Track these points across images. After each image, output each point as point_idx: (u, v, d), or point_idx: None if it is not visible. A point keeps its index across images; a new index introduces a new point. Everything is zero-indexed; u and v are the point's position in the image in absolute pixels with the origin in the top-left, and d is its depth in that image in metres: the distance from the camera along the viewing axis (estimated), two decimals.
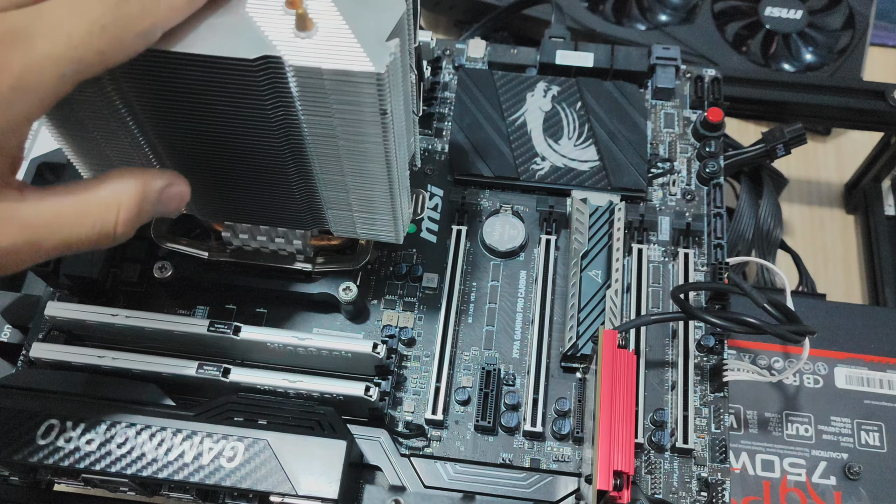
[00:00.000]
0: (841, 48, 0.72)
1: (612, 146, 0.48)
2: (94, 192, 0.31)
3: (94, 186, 0.31)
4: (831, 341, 0.51)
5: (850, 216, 0.71)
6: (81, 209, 0.30)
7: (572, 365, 0.43)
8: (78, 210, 0.30)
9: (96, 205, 0.31)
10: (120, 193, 0.31)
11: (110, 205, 0.31)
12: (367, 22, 0.30)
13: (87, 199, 0.31)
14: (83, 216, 0.30)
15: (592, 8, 0.74)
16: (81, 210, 0.30)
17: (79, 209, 0.30)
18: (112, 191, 0.31)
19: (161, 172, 0.33)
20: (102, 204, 0.31)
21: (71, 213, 0.30)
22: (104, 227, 0.31)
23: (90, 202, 0.31)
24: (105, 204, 0.31)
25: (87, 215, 0.30)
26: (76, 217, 0.30)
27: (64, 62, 0.27)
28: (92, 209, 0.30)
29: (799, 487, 0.47)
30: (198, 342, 0.40)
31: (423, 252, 0.47)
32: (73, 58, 0.27)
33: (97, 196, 0.31)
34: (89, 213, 0.30)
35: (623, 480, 0.35)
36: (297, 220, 0.39)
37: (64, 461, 0.37)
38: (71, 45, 0.27)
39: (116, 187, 0.31)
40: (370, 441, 0.41)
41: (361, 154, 0.33)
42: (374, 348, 0.39)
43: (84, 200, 0.30)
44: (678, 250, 0.47)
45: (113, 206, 0.31)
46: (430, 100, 0.52)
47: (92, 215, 0.30)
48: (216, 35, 0.29)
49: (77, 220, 0.30)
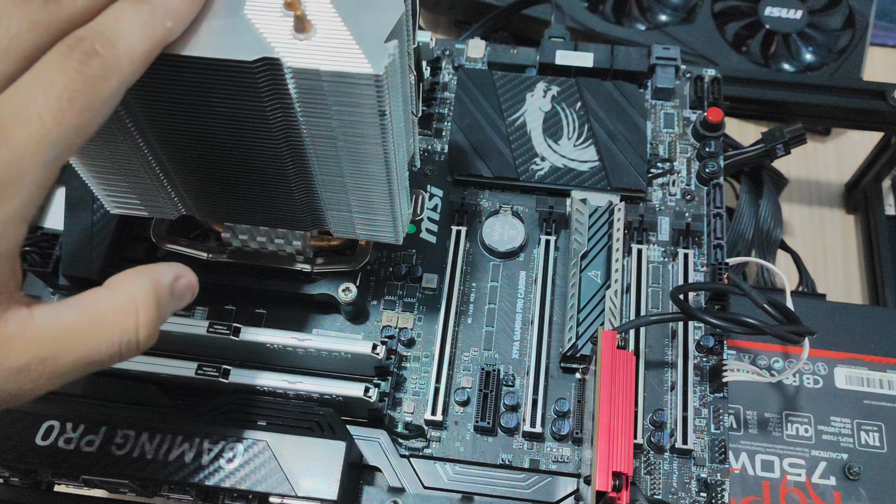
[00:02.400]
0: (841, 48, 0.72)
1: (612, 146, 0.48)
2: (107, 300, 0.29)
3: (106, 294, 0.29)
4: (831, 341, 0.51)
5: (850, 216, 0.71)
6: (97, 319, 0.28)
7: (572, 365, 0.43)
8: (94, 320, 0.28)
9: (112, 312, 0.29)
10: (134, 296, 0.29)
11: (127, 310, 0.29)
12: (365, 23, 0.30)
13: (101, 308, 0.29)
14: (101, 327, 0.28)
15: (592, 8, 0.74)
16: (97, 320, 0.28)
17: (94, 320, 0.28)
18: (126, 295, 0.29)
19: (166, 266, 0.31)
20: (119, 311, 0.29)
21: (86, 326, 0.28)
22: (125, 335, 0.29)
23: (106, 311, 0.29)
24: (122, 310, 0.29)
25: (104, 326, 0.28)
26: (92, 329, 0.28)
27: (43, 148, 0.25)
28: (109, 318, 0.28)
29: (799, 488, 0.47)
30: (197, 343, 0.40)
31: (422, 253, 0.47)
32: (51, 141, 0.25)
33: (111, 303, 0.29)
34: (107, 323, 0.28)
35: (622, 481, 0.35)
36: (296, 220, 0.39)
37: (64, 462, 0.37)
38: (44, 128, 0.25)
39: (129, 291, 0.29)
40: (369, 442, 0.41)
41: (360, 155, 0.33)
42: (373, 349, 0.39)
43: (99, 310, 0.28)
44: (678, 250, 0.47)
45: (130, 311, 0.29)
46: (430, 100, 0.52)
47: (110, 325, 0.28)
48: (215, 37, 0.29)
49: (94, 332, 0.28)
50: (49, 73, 0.25)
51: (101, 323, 0.28)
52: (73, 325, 0.28)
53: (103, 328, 0.28)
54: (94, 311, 0.28)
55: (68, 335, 0.27)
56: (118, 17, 0.27)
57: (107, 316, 0.28)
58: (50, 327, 0.27)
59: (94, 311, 0.28)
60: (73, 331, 0.28)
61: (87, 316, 0.28)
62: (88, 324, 0.28)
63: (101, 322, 0.28)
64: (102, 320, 0.28)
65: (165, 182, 0.38)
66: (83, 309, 0.28)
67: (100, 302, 0.29)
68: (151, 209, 0.40)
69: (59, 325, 0.27)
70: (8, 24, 0.25)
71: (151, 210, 0.40)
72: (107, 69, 0.26)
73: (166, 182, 0.38)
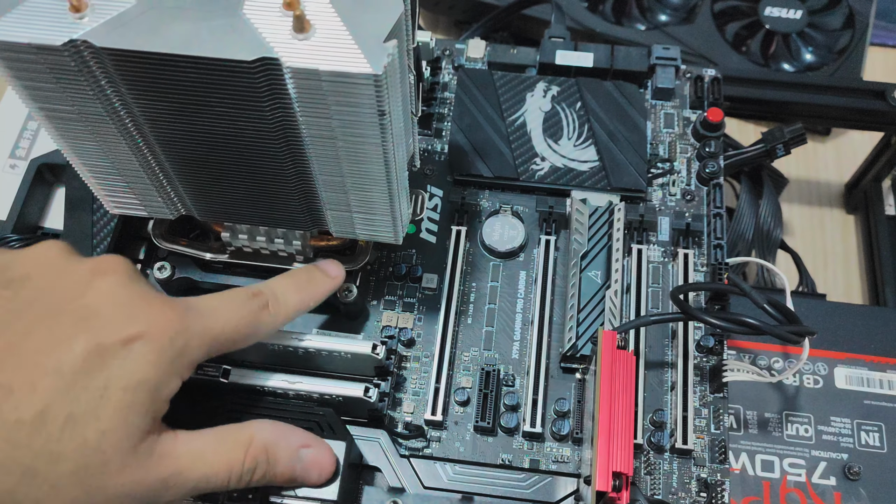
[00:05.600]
0: (841, 48, 0.72)
1: (612, 146, 0.48)
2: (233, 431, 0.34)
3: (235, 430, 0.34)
4: (831, 341, 0.51)
5: (850, 216, 0.71)
6: (220, 442, 0.33)
7: (572, 366, 0.43)
8: (217, 443, 0.33)
9: (233, 440, 0.34)
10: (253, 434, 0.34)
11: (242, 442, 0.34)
12: (364, 23, 0.30)
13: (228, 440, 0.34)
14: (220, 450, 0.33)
15: (592, 8, 0.74)
16: (220, 443, 0.33)
17: (218, 442, 0.33)
18: (248, 431, 0.34)
19: (304, 433, 0.36)
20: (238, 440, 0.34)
21: (212, 447, 0.33)
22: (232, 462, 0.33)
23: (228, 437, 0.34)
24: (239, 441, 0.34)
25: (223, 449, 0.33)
26: (216, 450, 0.33)
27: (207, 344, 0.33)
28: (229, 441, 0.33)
29: (799, 488, 0.47)
30: None
31: (422, 252, 0.47)
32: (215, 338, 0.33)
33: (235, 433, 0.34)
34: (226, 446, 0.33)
35: (622, 481, 0.35)
36: (296, 220, 0.39)
37: None
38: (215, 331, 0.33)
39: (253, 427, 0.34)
40: (369, 442, 0.41)
41: (360, 155, 0.33)
42: (373, 349, 0.39)
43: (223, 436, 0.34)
44: (678, 251, 0.47)
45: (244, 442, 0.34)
46: (430, 100, 0.52)
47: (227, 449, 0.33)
48: (214, 37, 0.29)
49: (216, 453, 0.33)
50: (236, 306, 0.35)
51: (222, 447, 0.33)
52: (202, 447, 0.33)
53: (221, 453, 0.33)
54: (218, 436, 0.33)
55: (198, 455, 0.32)
56: (285, 291, 0.37)
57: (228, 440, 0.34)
58: (189, 448, 0.32)
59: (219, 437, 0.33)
60: (204, 453, 0.33)
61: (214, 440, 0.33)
62: (213, 447, 0.33)
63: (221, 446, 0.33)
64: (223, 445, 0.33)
65: (165, 182, 0.38)
66: (212, 435, 0.33)
67: (229, 434, 0.34)
68: (151, 209, 0.40)
69: (194, 446, 0.32)
70: None
71: (151, 210, 0.40)
72: (271, 317, 0.36)
73: (166, 182, 0.38)
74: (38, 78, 0.31)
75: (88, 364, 0.29)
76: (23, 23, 0.30)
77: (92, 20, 0.30)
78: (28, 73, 0.31)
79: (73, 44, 0.29)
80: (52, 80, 0.31)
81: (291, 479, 0.35)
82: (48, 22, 0.30)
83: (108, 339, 0.29)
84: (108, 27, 0.30)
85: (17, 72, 0.31)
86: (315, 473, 0.36)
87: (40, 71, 0.31)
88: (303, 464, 0.35)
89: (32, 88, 0.32)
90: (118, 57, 0.30)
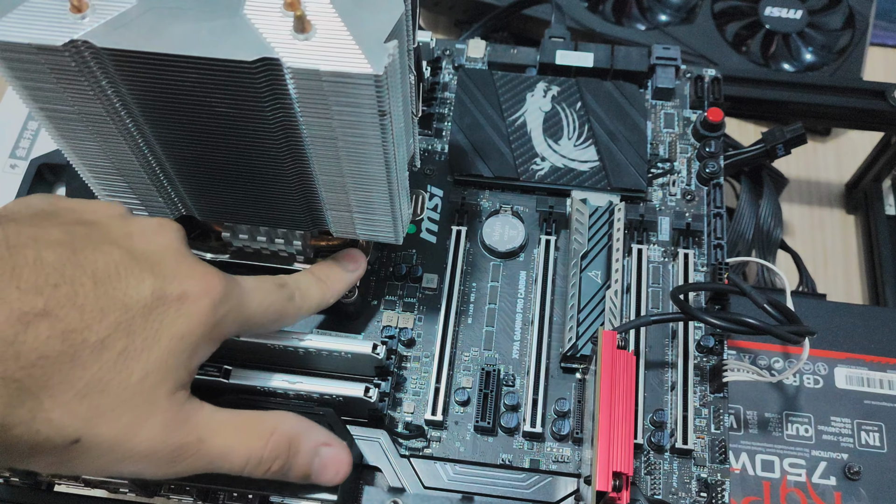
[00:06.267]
0: (841, 48, 0.72)
1: (612, 146, 0.48)
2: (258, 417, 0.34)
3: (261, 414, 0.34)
4: (831, 341, 0.51)
5: (850, 216, 0.71)
6: (244, 424, 0.33)
7: (572, 365, 0.43)
8: (242, 424, 0.33)
9: (257, 425, 0.34)
10: (277, 423, 0.34)
11: (266, 429, 0.34)
12: (365, 23, 0.30)
13: (250, 419, 0.34)
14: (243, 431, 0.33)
15: (592, 8, 0.74)
16: (244, 425, 0.33)
17: (242, 423, 0.33)
18: (273, 420, 0.34)
19: (326, 432, 0.36)
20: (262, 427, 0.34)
21: (235, 426, 0.33)
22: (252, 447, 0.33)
23: (252, 421, 0.34)
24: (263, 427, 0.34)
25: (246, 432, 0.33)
26: (239, 431, 0.33)
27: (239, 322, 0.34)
28: (253, 425, 0.34)
29: (799, 488, 0.47)
30: None
31: (422, 253, 0.47)
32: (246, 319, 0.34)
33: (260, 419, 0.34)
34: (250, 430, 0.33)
35: (622, 481, 0.35)
36: (296, 220, 0.39)
37: None
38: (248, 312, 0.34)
39: (279, 417, 0.35)
40: (370, 442, 0.41)
41: (360, 155, 0.33)
42: (373, 349, 0.39)
43: (248, 419, 0.34)
44: (678, 250, 0.47)
45: (268, 430, 0.34)
46: (430, 100, 0.52)
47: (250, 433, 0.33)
48: (214, 37, 0.29)
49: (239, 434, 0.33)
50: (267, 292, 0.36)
51: (244, 433, 0.33)
52: (227, 425, 0.33)
53: (246, 438, 0.33)
54: (246, 423, 0.34)
55: (222, 431, 0.32)
56: (308, 286, 0.38)
57: (254, 422, 0.34)
58: (212, 419, 0.32)
59: (246, 424, 0.33)
60: (227, 429, 0.33)
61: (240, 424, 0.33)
62: (238, 429, 0.33)
63: (246, 434, 0.33)
64: (245, 432, 0.33)
65: (165, 182, 0.38)
66: (238, 416, 0.34)
67: (254, 419, 0.34)
68: (151, 209, 0.40)
69: (218, 419, 0.33)
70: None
71: (151, 210, 0.40)
72: (296, 308, 0.37)
73: (166, 182, 0.38)
74: (38, 78, 0.31)
75: (150, 306, 0.30)
76: (23, 23, 0.30)
77: (92, 20, 0.30)
78: (28, 73, 0.31)
79: (74, 44, 0.29)
80: (53, 81, 0.31)
81: (306, 476, 0.35)
82: (49, 22, 0.30)
83: (170, 289, 0.31)
84: (109, 27, 0.30)
85: (18, 72, 0.31)
86: (331, 472, 0.35)
87: (41, 71, 0.31)
88: (321, 460, 0.35)
89: (33, 88, 0.32)
90: (119, 57, 0.30)
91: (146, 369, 0.30)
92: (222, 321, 0.32)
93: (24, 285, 0.27)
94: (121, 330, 0.29)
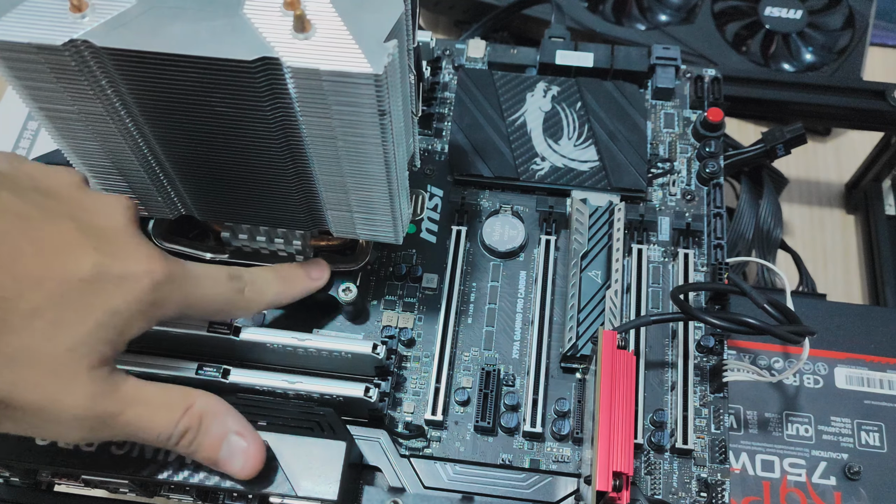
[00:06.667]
0: (841, 48, 0.72)
1: (612, 146, 0.48)
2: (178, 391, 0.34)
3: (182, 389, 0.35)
4: (831, 341, 0.51)
5: (850, 216, 0.71)
6: (163, 396, 0.34)
7: (572, 365, 0.43)
8: (161, 397, 0.34)
9: (176, 399, 0.34)
10: (195, 400, 0.34)
11: (183, 403, 0.34)
12: (365, 23, 0.30)
13: (170, 392, 0.34)
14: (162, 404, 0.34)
15: (592, 8, 0.74)
16: (163, 397, 0.34)
17: (161, 396, 0.34)
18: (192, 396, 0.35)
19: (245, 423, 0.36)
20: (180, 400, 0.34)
21: (155, 398, 0.34)
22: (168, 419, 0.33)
23: (172, 394, 0.34)
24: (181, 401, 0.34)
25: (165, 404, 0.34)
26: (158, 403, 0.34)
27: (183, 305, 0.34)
28: (172, 398, 0.34)
29: (799, 488, 0.47)
30: (197, 343, 0.40)
31: (422, 252, 0.47)
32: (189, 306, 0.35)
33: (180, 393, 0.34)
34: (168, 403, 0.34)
35: (622, 481, 0.35)
36: (296, 220, 0.39)
37: (64, 462, 0.37)
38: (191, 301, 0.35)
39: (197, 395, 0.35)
40: (370, 442, 0.41)
41: (360, 155, 0.33)
42: (373, 349, 0.39)
43: (168, 392, 0.34)
44: (678, 250, 0.47)
45: (184, 404, 0.34)
46: (430, 100, 0.52)
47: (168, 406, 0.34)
48: (214, 36, 0.29)
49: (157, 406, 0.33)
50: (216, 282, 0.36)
51: (162, 407, 0.34)
52: (147, 397, 0.33)
53: (163, 410, 0.34)
54: (166, 396, 0.34)
55: (140, 402, 0.33)
56: (265, 282, 0.39)
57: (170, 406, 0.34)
58: (134, 392, 0.33)
59: (165, 397, 0.34)
60: (147, 401, 0.33)
61: (159, 396, 0.34)
62: (157, 402, 0.34)
63: (164, 406, 0.34)
64: (163, 406, 0.34)
65: (165, 182, 0.38)
66: (160, 389, 0.34)
67: (174, 393, 0.34)
68: (151, 209, 0.40)
69: (139, 392, 0.33)
70: None
71: (151, 210, 0.40)
72: (246, 301, 0.38)
73: (166, 182, 0.38)
74: (38, 78, 0.31)
75: (88, 281, 0.31)
76: (23, 22, 0.30)
77: (92, 20, 0.30)
78: (28, 72, 0.31)
79: (74, 44, 0.29)
80: (53, 80, 0.31)
81: (213, 460, 0.35)
82: (49, 22, 0.30)
83: (111, 267, 0.31)
84: (109, 27, 0.30)
85: (18, 71, 0.31)
86: (238, 462, 0.36)
87: (41, 71, 0.31)
88: (230, 448, 0.35)
89: (33, 88, 0.32)
90: (119, 57, 0.30)
91: (74, 340, 0.30)
92: (161, 302, 0.33)
93: None
94: (54, 301, 0.30)
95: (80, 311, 0.30)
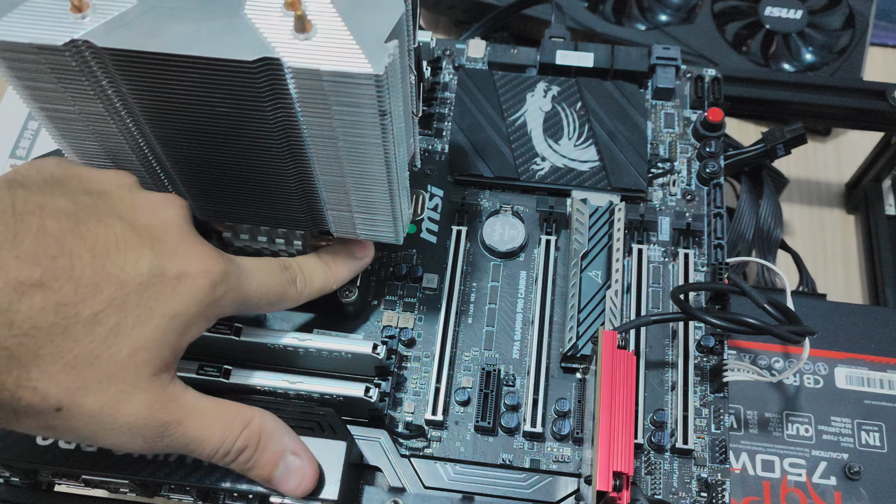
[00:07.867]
0: (841, 48, 0.72)
1: (612, 146, 0.48)
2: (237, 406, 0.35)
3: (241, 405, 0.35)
4: (831, 341, 0.51)
5: (850, 216, 0.71)
6: (223, 411, 0.34)
7: (572, 365, 0.43)
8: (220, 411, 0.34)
9: (235, 414, 0.34)
10: (253, 417, 0.35)
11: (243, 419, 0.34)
12: (365, 23, 0.30)
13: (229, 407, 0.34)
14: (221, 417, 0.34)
15: (592, 8, 0.74)
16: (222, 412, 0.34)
17: (221, 410, 0.34)
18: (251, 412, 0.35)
19: (301, 443, 0.36)
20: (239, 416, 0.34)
21: (214, 411, 0.34)
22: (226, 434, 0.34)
23: (231, 409, 0.34)
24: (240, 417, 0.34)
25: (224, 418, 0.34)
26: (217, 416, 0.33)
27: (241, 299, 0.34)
28: (231, 413, 0.34)
29: (799, 488, 0.47)
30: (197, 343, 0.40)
31: (423, 253, 0.47)
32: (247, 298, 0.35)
33: (239, 409, 0.34)
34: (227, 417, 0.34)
35: (623, 481, 0.35)
36: (296, 220, 0.39)
37: (64, 462, 0.37)
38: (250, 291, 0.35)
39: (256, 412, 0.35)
40: (370, 442, 0.41)
41: (361, 155, 0.33)
42: (374, 349, 0.39)
43: (227, 407, 0.34)
44: (678, 250, 0.47)
45: (244, 420, 0.34)
46: (430, 100, 0.52)
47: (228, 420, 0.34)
48: (215, 37, 0.29)
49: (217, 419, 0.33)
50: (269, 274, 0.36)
51: (221, 422, 0.34)
52: (207, 409, 0.33)
53: (223, 425, 0.34)
54: (225, 410, 0.34)
55: (202, 414, 0.33)
56: (312, 269, 0.39)
57: (230, 420, 0.34)
58: (194, 402, 0.33)
59: (225, 411, 0.34)
60: (207, 413, 0.33)
61: (219, 409, 0.34)
62: (216, 415, 0.34)
63: (224, 420, 0.34)
64: (222, 421, 0.34)
65: (166, 182, 0.38)
66: (219, 404, 0.34)
67: (233, 408, 0.34)
68: None
69: (199, 403, 0.33)
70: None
71: None
72: (297, 291, 0.38)
73: (167, 182, 0.38)
74: (38, 78, 0.31)
75: (146, 284, 0.30)
76: (24, 23, 0.30)
77: (93, 20, 0.30)
78: (29, 73, 0.31)
79: (74, 44, 0.29)
80: (53, 80, 0.31)
81: (269, 479, 0.35)
82: (49, 22, 0.30)
83: (168, 267, 0.31)
84: (110, 27, 0.30)
85: (18, 72, 0.31)
86: (294, 482, 0.35)
87: (41, 71, 0.31)
88: (287, 467, 0.35)
89: (33, 88, 0.32)
90: (119, 57, 0.30)
91: (135, 346, 0.30)
92: (219, 301, 0.32)
93: (23, 254, 0.28)
94: (114, 306, 0.29)
95: (140, 316, 0.30)
